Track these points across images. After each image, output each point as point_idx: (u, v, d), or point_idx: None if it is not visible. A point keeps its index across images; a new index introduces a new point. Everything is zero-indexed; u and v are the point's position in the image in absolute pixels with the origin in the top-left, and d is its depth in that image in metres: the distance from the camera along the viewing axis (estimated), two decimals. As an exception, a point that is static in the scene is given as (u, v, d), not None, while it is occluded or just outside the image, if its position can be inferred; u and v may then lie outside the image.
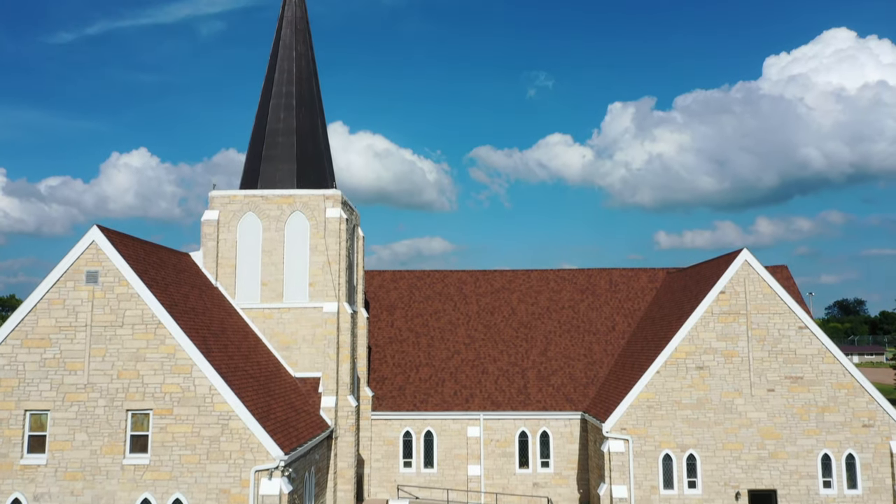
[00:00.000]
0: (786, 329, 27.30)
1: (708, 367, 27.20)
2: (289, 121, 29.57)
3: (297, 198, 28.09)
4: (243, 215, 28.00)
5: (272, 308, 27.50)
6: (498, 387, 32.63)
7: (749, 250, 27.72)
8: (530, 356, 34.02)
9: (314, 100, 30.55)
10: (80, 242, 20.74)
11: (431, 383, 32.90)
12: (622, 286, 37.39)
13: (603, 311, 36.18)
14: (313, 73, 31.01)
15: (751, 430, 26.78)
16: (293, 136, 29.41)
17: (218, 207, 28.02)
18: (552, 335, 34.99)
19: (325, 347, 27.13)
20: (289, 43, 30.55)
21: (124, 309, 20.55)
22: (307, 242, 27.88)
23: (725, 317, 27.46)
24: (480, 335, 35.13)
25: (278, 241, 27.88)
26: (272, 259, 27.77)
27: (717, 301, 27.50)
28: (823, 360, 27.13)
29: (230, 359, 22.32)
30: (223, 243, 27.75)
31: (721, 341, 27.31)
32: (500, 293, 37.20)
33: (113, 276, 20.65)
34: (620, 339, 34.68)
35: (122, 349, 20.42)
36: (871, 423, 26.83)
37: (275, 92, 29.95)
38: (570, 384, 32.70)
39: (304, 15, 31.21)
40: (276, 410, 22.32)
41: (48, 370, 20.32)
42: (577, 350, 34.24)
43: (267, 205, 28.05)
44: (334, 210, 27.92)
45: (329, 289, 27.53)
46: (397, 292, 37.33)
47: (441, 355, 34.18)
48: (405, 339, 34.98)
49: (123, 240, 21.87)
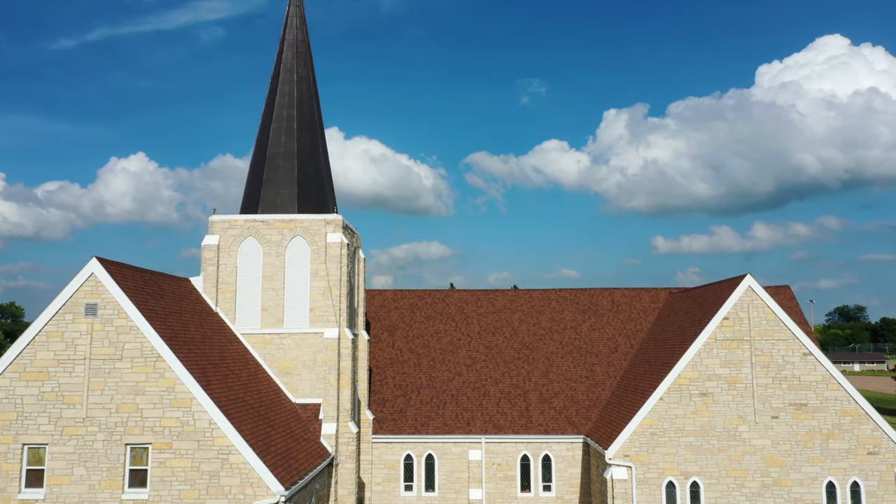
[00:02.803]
0: (790, 355, 27.11)
1: (711, 393, 27.01)
2: (290, 144, 29.44)
3: (297, 222, 27.93)
4: (244, 240, 27.84)
5: (272, 333, 27.32)
6: (499, 409, 32.42)
7: (752, 276, 27.55)
8: (532, 378, 33.82)
9: (315, 123, 30.42)
10: (80, 275, 20.58)
11: (433, 405, 32.69)
12: (624, 306, 37.21)
13: (605, 331, 35.98)
14: (314, 95, 30.89)
15: (755, 457, 26.57)
16: (294, 160, 29.28)
17: (218, 232, 27.86)
18: (554, 356, 34.79)
19: (326, 373, 26.94)
20: (290, 66, 30.43)
21: (123, 342, 20.37)
22: (308, 267, 27.70)
23: (729, 343, 27.27)
24: (482, 356, 34.93)
25: (279, 266, 27.71)
26: (272, 284, 27.60)
27: (721, 327, 27.31)
28: (828, 386, 26.93)
29: (230, 389, 22.13)
30: (223, 268, 27.59)
31: (724, 367, 27.11)
32: (501, 313, 37.02)
33: (112, 309, 20.48)
34: (623, 361, 34.47)
35: (121, 382, 20.23)
36: (876, 450, 26.62)
37: (276, 115, 29.82)
38: (572, 407, 32.49)
39: (306, 38, 31.11)
40: (276, 442, 22.12)
41: (46, 403, 20.13)
42: (578, 372, 34.03)
43: (267, 229, 27.89)
44: (335, 235, 27.77)
45: (330, 314, 27.35)
46: (398, 312, 37.15)
47: (442, 377, 33.98)
48: (406, 361, 34.79)
49: (123, 271, 21.71)
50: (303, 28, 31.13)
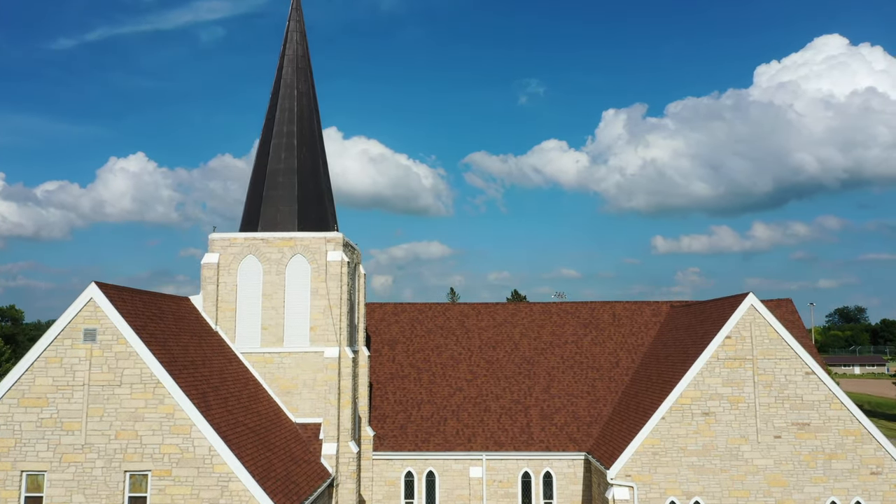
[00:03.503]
0: (792, 374, 26.97)
1: (714, 412, 26.87)
2: (290, 161, 29.30)
3: (297, 240, 27.80)
4: (244, 258, 27.71)
5: (272, 352, 27.19)
6: (500, 426, 32.29)
7: (754, 294, 27.43)
8: (533, 393, 33.69)
9: (315, 139, 30.28)
10: (78, 300, 20.45)
11: (433, 421, 32.56)
12: (625, 320, 37.08)
13: (606, 346, 35.86)
14: (314, 111, 30.75)
15: (757, 477, 26.43)
16: (294, 177, 29.15)
17: (218, 250, 27.72)
18: (555, 371, 34.66)
19: (326, 393, 26.81)
20: (290, 82, 30.29)
21: (122, 367, 20.24)
22: (308, 286, 27.57)
23: (731, 362, 27.14)
24: (483, 371, 34.81)
25: (279, 284, 27.58)
26: (273, 303, 27.47)
27: (723, 346, 27.18)
28: (830, 406, 26.80)
29: (230, 413, 22.00)
30: (223, 287, 27.45)
31: (727, 387, 26.98)
32: (502, 327, 36.90)
33: (111, 334, 20.35)
34: (624, 376, 34.34)
35: (120, 409, 20.10)
36: (880, 470, 26.49)
37: (276, 132, 29.69)
38: (573, 423, 32.36)
39: (306, 53, 30.97)
40: (276, 466, 21.99)
41: (45, 430, 20.00)
42: (580, 387, 33.90)
43: (267, 248, 27.76)
44: (335, 253, 27.63)
45: (330, 333, 27.22)
46: (398, 326, 37.03)
47: (443, 392, 33.85)
48: (406, 375, 34.66)
49: (122, 294, 21.57)
50: (303, 43, 30.99)
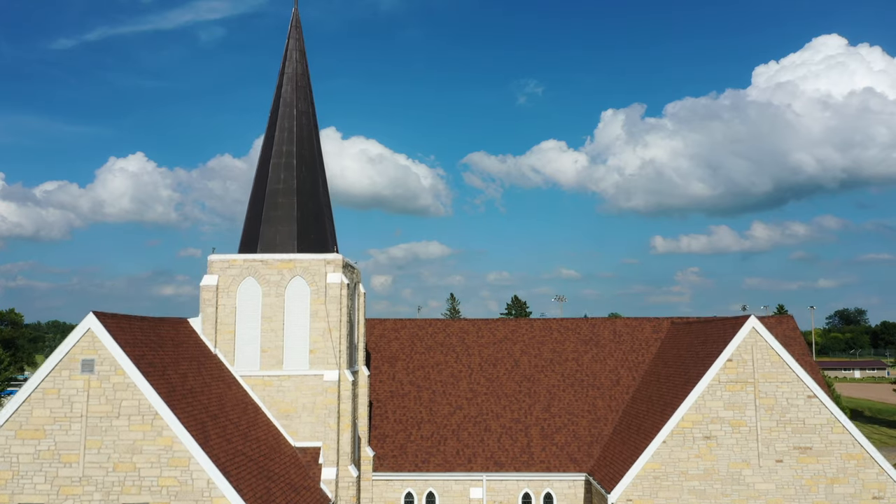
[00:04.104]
0: (794, 398, 26.84)
1: (715, 436, 26.73)
2: (289, 181, 29.15)
3: (297, 262, 27.65)
4: (243, 280, 27.55)
5: (272, 376, 27.04)
6: (501, 446, 32.15)
7: (756, 317, 27.31)
8: (533, 412, 33.54)
9: (315, 158, 30.13)
10: (76, 330, 20.31)
11: (433, 441, 32.42)
12: (626, 336, 36.94)
13: (607, 363, 35.71)
14: (314, 130, 30.60)
15: (759, 501, 26.28)
16: (293, 197, 28.99)
17: (217, 272, 27.57)
18: (555, 389, 34.51)
19: (326, 417, 26.66)
20: (289, 100, 30.14)
21: (121, 399, 20.09)
22: (307, 308, 27.42)
23: (733, 385, 27.00)
24: (483, 389, 34.66)
25: (278, 306, 27.42)
26: (272, 325, 27.32)
27: (724, 369, 27.04)
28: (833, 430, 26.67)
29: (229, 443, 21.85)
30: (222, 309, 27.30)
31: (728, 410, 26.84)
32: (502, 344, 36.75)
33: (109, 365, 20.20)
34: (625, 395, 34.20)
35: (118, 441, 19.95)
36: (882, 495, 26.35)
37: (275, 151, 29.53)
38: (574, 443, 32.21)
39: (306, 71, 30.81)
40: (275, 496, 21.85)
41: (42, 462, 19.86)
42: (580, 406, 33.76)
43: (267, 269, 27.60)
44: (335, 275, 27.48)
45: (330, 356, 27.07)
46: (398, 343, 36.88)
47: (443, 411, 33.70)
48: (406, 394, 34.51)
49: (120, 323, 21.42)
50: (302, 61, 30.83)
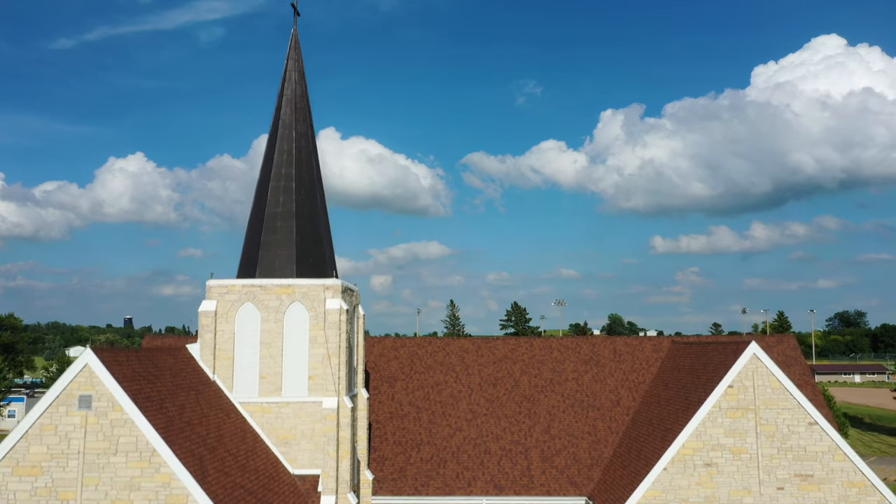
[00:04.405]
0: (795, 425, 26.73)
1: (716, 464, 26.62)
2: (288, 204, 29.00)
3: (296, 288, 27.50)
4: (241, 305, 27.41)
5: (271, 402, 26.89)
6: (500, 469, 32.03)
7: (757, 343, 27.20)
8: (533, 434, 33.43)
9: (314, 181, 29.99)
10: (74, 365, 20.17)
11: (433, 464, 32.30)
12: (626, 356, 36.82)
13: (607, 383, 35.59)
14: (313, 152, 30.46)
15: (760, 529, 26.19)
16: (292, 221, 28.84)
17: (215, 297, 27.43)
18: (555, 410, 34.40)
19: (325, 444, 26.51)
20: (288, 122, 29.99)
21: (118, 435, 19.96)
22: (306, 334, 27.27)
23: (734, 412, 26.89)
24: (483, 410, 34.54)
25: (277, 332, 27.28)
26: (271, 351, 27.18)
27: (725, 395, 26.93)
28: (834, 457, 26.55)
29: (227, 476, 21.72)
30: (220, 335, 27.16)
31: (729, 437, 26.73)
32: (502, 363, 36.64)
33: (106, 401, 20.07)
34: (625, 416, 34.08)
35: (115, 478, 19.82)
36: (883, 523, 26.23)
37: (274, 174, 29.39)
38: (574, 465, 32.10)
39: (305, 93, 30.67)
40: (274, 529, 21.73)
41: (39, 500, 19.71)
42: (580, 427, 33.64)
43: (265, 295, 27.46)
44: (334, 301, 27.34)
45: (329, 383, 26.93)
46: (398, 362, 36.76)
47: (443, 432, 33.58)
48: (406, 415, 34.39)
49: (118, 357, 21.29)
50: (301, 83, 30.69)
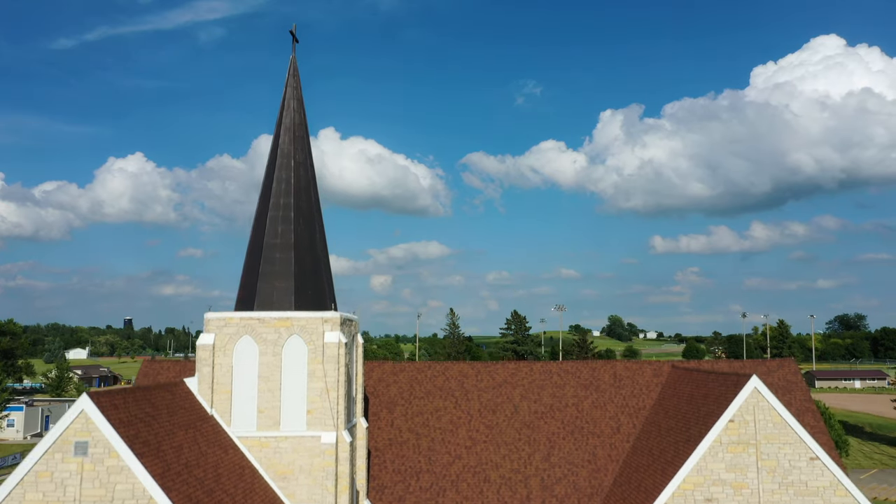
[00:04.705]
0: (796, 460, 26.57)
1: (717, 499, 26.46)
2: (287, 235, 28.86)
3: (294, 321, 27.36)
4: (239, 339, 27.27)
5: (269, 437, 26.75)
6: (500, 498, 31.85)
7: (758, 369, 27.04)
8: (533, 462, 33.26)
9: (312, 210, 29.84)
10: (70, 411, 20.03)
11: (432, 493, 32.12)
12: (626, 380, 36.66)
13: (607, 409, 35.43)
14: (312, 181, 30.32)
15: (761, 565, 26.04)
16: (291, 252, 28.69)
17: (214, 330, 27.29)
18: (555, 437, 34.23)
19: (324, 480, 26.37)
20: (287, 151, 29.85)
21: (115, 482, 19.81)
22: (305, 368, 27.13)
23: (734, 447, 26.74)
24: (482, 437, 34.37)
25: (275, 365, 27.14)
26: (269, 385, 27.03)
27: (726, 430, 26.78)
28: (835, 492, 26.39)
29: (225, 519, 21.58)
30: (218, 368, 27.02)
31: (730, 472, 26.58)
32: (501, 388, 36.47)
33: (103, 448, 19.92)
34: (625, 443, 33.92)
35: (111, 525, 19.68)
36: (885, 559, 26.10)
37: (272, 204, 29.24)
38: (573, 494, 31.93)
39: (303, 121, 30.52)
40: (272, 573, 21.58)
41: (35, 547, 19.58)
42: (580, 455, 33.47)
43: (264, 328, 27.31)
44: (333, 334, 27.19)
45: (327, 417, 26.78)
46: (397, 387, 36.60)
47: (442, 460, 33.41)
48: (405, 441, 34.22)
49: (115, 400, 21.13)
50: (300, 111, 30.54)
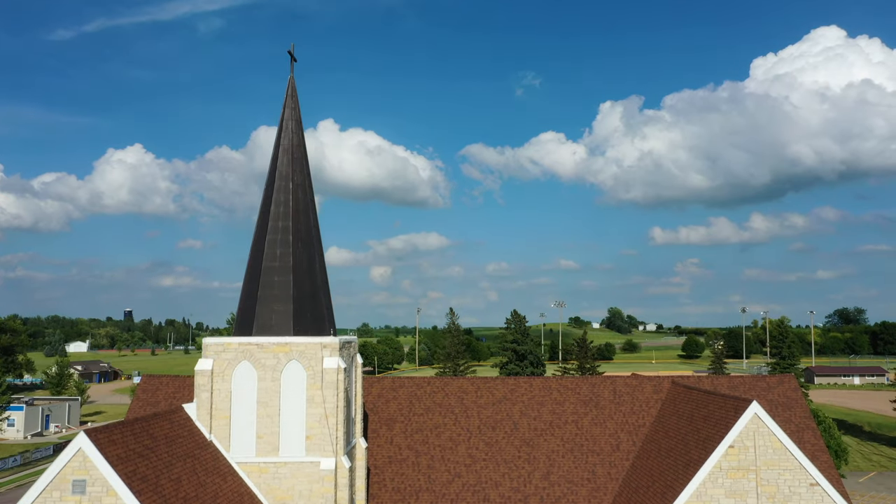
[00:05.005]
0: (796, 486, 26.56)
1: (716, 525, 26.46)
2: (285, 258, 28.71)
3: (293, 346, 27.26)
4: (238, 364, 27.18)
5: (268, 462, 26.70)
6: (500, 518, 31.88)
7: (758, 402, 26.98)
8: (533, 480, 33.26)
9: (311, 234, 29.68)
10: (67, 449, 19.96)
11: (431, 512, 32.14)
12: (626, 396, 36.62)
13: (607, 426, 35.40)
14: (310, 203, 30.14)
15: (760, 591, 26.07)
16: (289, 275, 28.55)
17: (212, 356, 27.19)
18: (555, 455, 34.22)
19: (323, 506, 26.35)
20: (285, 173, 29.65)
21: (113, 521, 19.78)
22: (304, 393, 27.06)
23: (734, 472, 26.72)
24: (482, 455, 34.36)
25: (274, 391, 27.06)
26: (268, 410, 26.97)
27: (726, 456, 26.76)
28: (835, 519, 26.39)
29: (223, 554, 21.56)
30: (217, 394, 26.95)
31: (730, 498, 26.57)
32: (501, 404, 36.43)
33: (100, 486, 19.86)
34: (624, 461, 33.91)
35: (110, 564, 19.66)
36: (884, 585, 26.13)
37: (270, 227, 29.07)
38: (573, 514, 31.94)
39: (302, 142, 30.31)
40: None
41: (34, 586, 19.56)
42: (580, 474, 33.47)
43: (262, 353, 27.22)
44: (331, 360, 27.10)
45: (326, 443, 26.73)
46: (397, 403, 36.56)
47: (441, 479, 33.42)
48: (405, 459, 34.21)
49: (112, 436, 21.05)
50: (298, 132, 30.32)
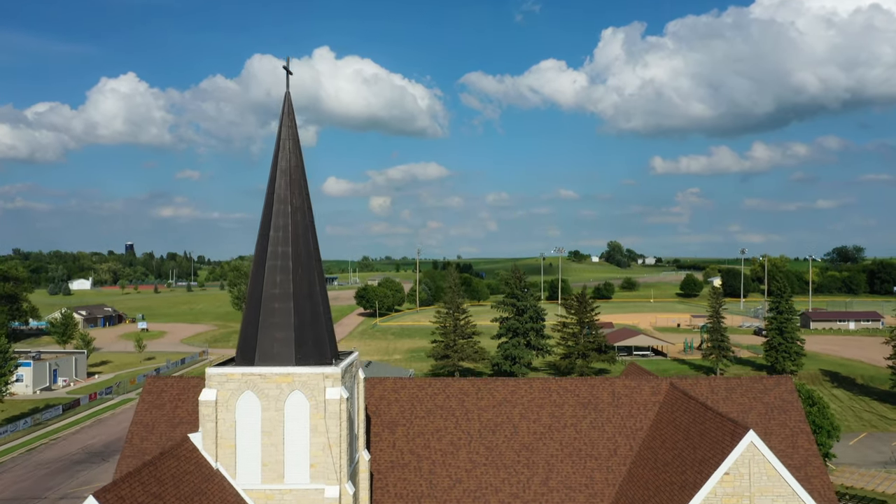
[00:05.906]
0: (788, 512, 27.29)
1: (709, 548, 27.32)
2: (286, 285, 28.61)
3: (295, 377, 27.51)
4: (241, 394, 27.50)
5: (273, 489, 27.37)
6: (499, 525, 32.88)
7: (754, 432, 27.42)
8: (532, 486, 34.14)
9: (311, 257, 29.47)
10: (77, 512, 20.44)
11: (433, 519, 33.13)
12: (625, 399, 37.16)
13: (605, 430, 36.06)
14: (310, 226, 29.80)
15: None
16: (290, 302, 28.52)
17: (216, 386, 27.48)
18: (554, 460, 35.00)
19: (328, 532, 27.14)
20: (283, 197, 29.21)
21: (125, 581, 20.42)
22: (307, 422, 27.47)
23: (729, 498, 27.40)
24: (482, 459, 35.15)
25: (277, 420, 27.47)
26: (272, 439, 27.45)
27: (721, 482, 27.38)
28: (824, 543, 27.25)
29: None
30: (221, 423, 27.37)
31: (723, 523, 27.34)
32: (501, 407, 37.02)
33: (112, 547, 20.42)
34: (622, 466, 34.70)
35: None
36: None
37: (270, 253, 28.84)
38: (570, 521, 32.93)
39: (300, 163, 29.73)
40: None
41: None
42: (578, 479, 34.32)
43: (265, 383, 27.50)
44: (334, 390, 27.39)
45: (330, 471, 27.32)
46: (398, 405, 37.14)
47: (443, 484, 34.30)
48: (407, 464, 35.02)
49: (121, 492, 21.47)
50: (296, 152, 29.70)
